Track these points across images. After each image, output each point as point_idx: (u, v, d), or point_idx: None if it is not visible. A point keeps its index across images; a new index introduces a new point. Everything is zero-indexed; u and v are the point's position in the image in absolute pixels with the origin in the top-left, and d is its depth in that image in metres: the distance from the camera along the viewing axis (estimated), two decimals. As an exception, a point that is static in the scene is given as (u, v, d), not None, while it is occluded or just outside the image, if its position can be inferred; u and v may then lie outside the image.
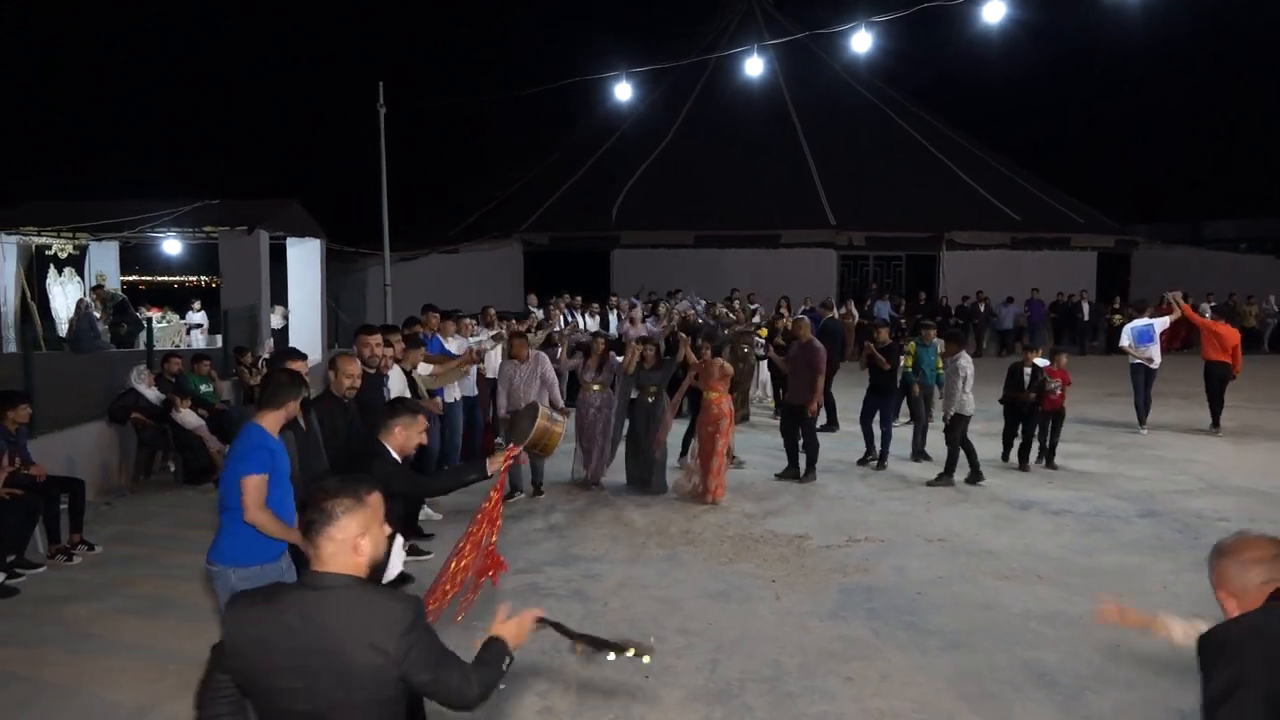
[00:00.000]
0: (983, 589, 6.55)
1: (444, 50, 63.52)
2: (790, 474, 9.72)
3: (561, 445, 6.82)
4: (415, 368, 7.91)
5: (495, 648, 2.57)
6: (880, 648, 5.50)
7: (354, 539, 2.33)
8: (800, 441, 9.69)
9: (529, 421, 8.51)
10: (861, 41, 12.52)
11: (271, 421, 4.29)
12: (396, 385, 7.32)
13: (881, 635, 5.70)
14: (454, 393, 8.89)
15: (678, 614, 6.03)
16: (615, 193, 26.86)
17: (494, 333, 10.59)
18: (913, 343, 11.08)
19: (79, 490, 7.26)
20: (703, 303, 18.41)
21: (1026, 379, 10.23)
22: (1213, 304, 21.09)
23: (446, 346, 9.47)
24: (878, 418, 10.53)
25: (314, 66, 60.44)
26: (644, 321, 14.67)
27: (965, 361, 9.66)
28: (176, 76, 59.89)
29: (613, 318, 16.87)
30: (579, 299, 17.26)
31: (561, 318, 15.16)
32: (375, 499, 2.41)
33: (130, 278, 19.64)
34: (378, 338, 6.91)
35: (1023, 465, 10.23)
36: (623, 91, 15.15)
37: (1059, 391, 10.23)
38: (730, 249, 24.73)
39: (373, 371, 6.65)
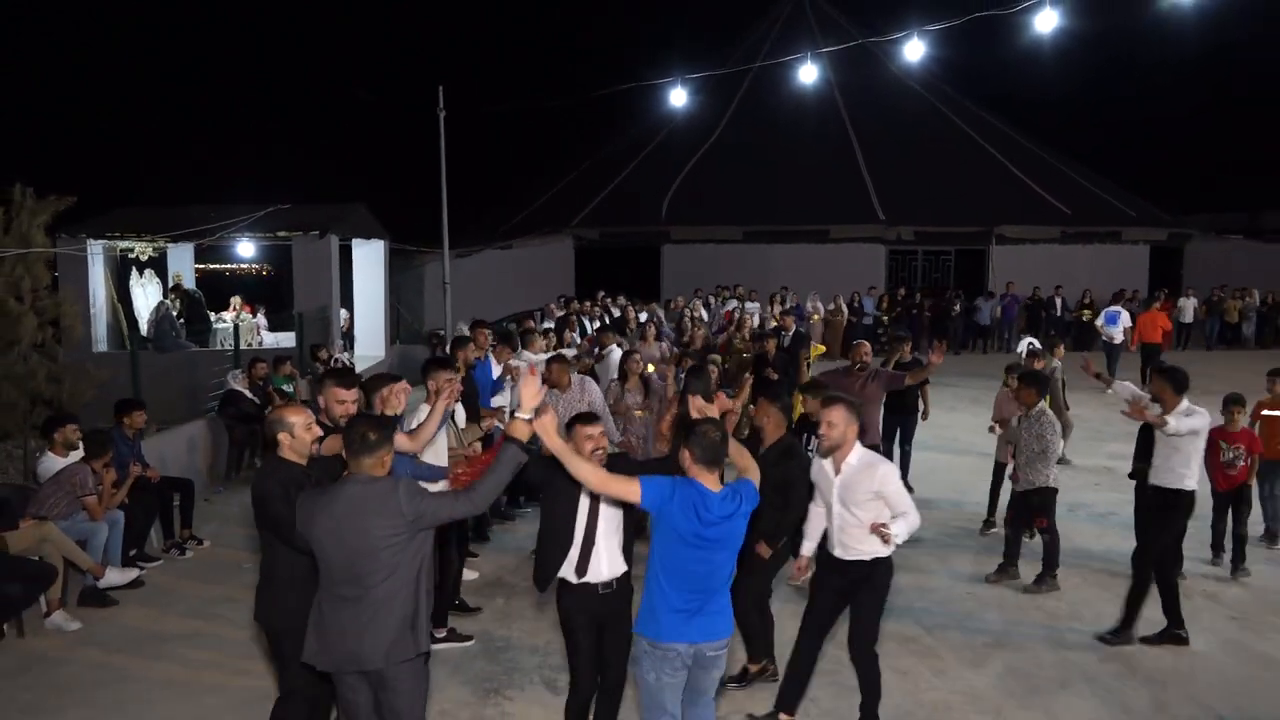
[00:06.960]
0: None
1: (502, 53, 64.45)
2: None
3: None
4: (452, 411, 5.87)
5: None
6: (934, 646, 5.95)
7: None
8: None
9: None
10: (914, 50, 12.63)
11: None
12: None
13: (934, 633, 6.13)
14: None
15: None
16: (665, 188, 26.98)
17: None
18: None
19: (189, 490, 7.92)
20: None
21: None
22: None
23: (494, 375, 8.11)
24: (898, 438, 9.42)
25: (378, 70, 61.79)
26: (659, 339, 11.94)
27: (1050, 421, 7.03)
28: (243, 81, 61.50)
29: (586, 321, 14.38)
30: (586, 304, 15.95)
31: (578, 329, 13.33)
32: None
33: (200, 266, 20.23)
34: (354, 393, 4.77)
35: (1237, 567, 7.17)
36: (678, 98, 15.50)
37: (1242, 464, 7.18)
38: (779, 244, 24.95)
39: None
